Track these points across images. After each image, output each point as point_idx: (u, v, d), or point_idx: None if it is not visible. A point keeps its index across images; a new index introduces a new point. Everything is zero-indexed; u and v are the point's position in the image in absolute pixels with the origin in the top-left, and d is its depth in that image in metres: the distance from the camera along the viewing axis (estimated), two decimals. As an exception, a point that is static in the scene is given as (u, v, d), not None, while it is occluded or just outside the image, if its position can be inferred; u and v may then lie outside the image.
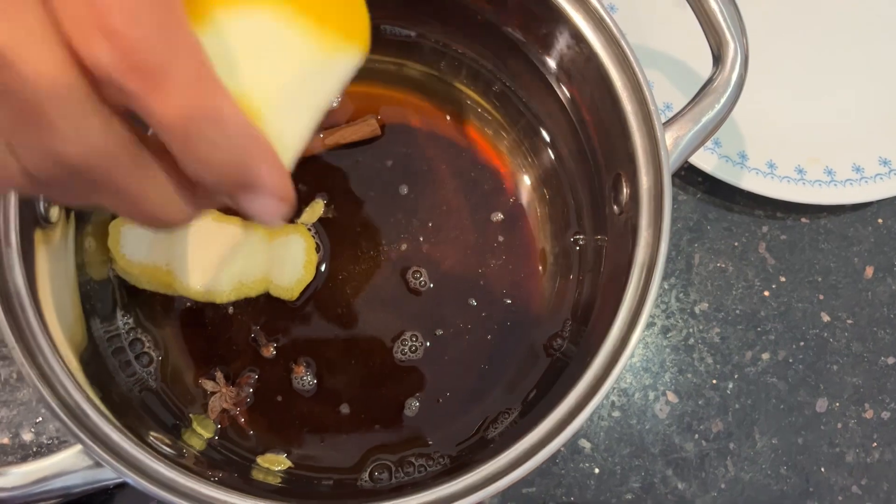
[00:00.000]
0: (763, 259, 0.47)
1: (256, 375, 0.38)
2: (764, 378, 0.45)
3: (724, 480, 0.44)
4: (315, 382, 0.38)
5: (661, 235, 0.30)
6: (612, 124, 0.33)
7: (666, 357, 0.45)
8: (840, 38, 0.49)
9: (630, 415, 0.45)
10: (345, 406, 0.38)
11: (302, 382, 0.38)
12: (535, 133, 0.41)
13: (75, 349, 0.32)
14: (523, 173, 0.41)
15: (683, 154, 0.32)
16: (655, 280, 0.30)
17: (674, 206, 0.47)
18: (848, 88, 0.48)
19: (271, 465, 0.37)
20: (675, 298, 0.46)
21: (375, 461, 0.38)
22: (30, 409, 0.42)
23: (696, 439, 0.44)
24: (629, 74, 0.31)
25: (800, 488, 0.44)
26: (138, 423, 0.32)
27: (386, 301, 0.40)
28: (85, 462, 0.28)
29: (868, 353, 0.46)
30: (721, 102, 0.32)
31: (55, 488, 0.28)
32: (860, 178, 0.46)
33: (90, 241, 0.37)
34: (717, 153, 0.45)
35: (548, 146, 0.40)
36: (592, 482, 0.44)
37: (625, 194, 0.33)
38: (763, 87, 0.47)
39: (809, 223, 0.47)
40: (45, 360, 0.28)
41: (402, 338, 0.39)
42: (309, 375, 0.38)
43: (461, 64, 0.41)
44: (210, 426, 0.38)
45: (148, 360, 0.38)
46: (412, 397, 0.39)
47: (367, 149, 0.41)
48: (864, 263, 0.47)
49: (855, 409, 0.45)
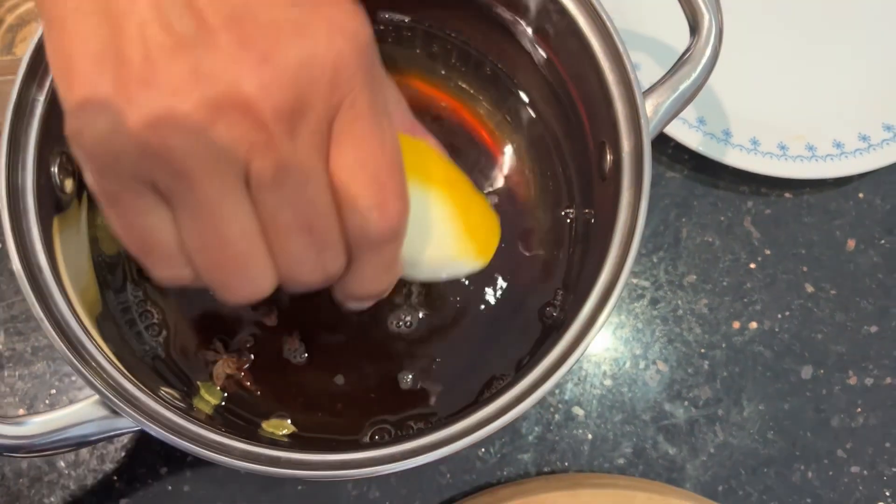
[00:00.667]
0: (748, 233, 0.49)
1: (254, 340, 0.39)
2: (751, 347, 0.47)
3: (713, 445, 0.46)
4: (306, 355, 0.40)
5: (641, 195, 0.32)
6: (596, 95, 0.35)
7: (656, 328, 0.47)
8: (821, 18, 0.51)
9: (622, 383, 0.46)
10: (339, 377, 0.40)
11: (295, 354, 0.40)
12: (523, 110, 0.43)
13: (90, 311, 0.33)
14: (514, 149, 0.43)
15: (663, 120, 0.34)
16: (636, 238, 0.32)
17: (662, 184, 0.49)
18: (829, 68, 0.50)
19: (276, 429, 0.39)
20: (664, 271, 0.48)
21: (375, 426, 0.39)
22: (44, 383, 0.44)
23: (685, 406, 0.46)
24: (610, 45, 0.33)
25: (786, 452, 0.46)
26: (150, 381, 0.34)
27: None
28: (101, 412, 0.30)
29: (851, 321, 0.48)
30: (697, 71, 0.33)
31: (73, 436, 0.30)
32: (840, 153, 0.47)
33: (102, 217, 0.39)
34: (702, 131, 0.47)
35: (536, 122, 0.42)
36: (586, 448, 0.45)
37: (608, 160, 0.35)
38: (746, 66, 0.49)
39: (793, 198, 0.49)
40: (62, 315, 0.30)
41: (397, 311, 0.41)
42: (302, 348, 0.40)
43: (452, 46, 0.43)
44: (217, 393, 0.39)
45: (157, 330, 0.40)
46: (406, 370, 0.40)
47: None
48: (846, 236, 0.49)
49: (839, 376, 0.47)
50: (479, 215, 0.31)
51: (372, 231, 0.23)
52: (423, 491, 0.44)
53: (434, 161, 0.29)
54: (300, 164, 0.21)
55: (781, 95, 0.49)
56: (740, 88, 0.48)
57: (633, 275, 0.48)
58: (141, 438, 0.43)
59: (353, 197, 0.22)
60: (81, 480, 0.43)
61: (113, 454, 0.43)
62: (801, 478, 0.46)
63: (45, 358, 0.44)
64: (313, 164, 0.21)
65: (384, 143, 0.23)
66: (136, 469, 0.43)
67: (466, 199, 0.30)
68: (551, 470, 0.45)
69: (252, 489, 0.44)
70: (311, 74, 0.20)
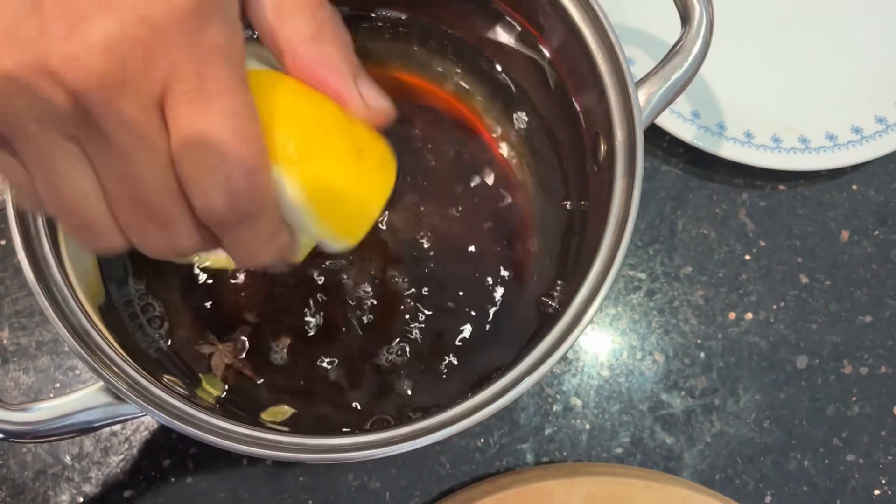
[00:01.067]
0: (743, 225, 0.49)
1: (250, 329, 0.40)
2: (746, 337, 0.47)
3: (710, 434, 0.46)
4: (299, 352, 0.40)
5: (634, 183, 0.32)
6: (589, 85, 0.35)
7: (652, 319, 0.48)
8: (813, 11, 0.52)
9: (619, 374, 0.47)
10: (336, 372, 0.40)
11: (281, 355, 0.40)
12: (519, 103, 0.43)
13: (93, 300, 0.34)
14: (510, 143, 0.44)
15: (655, 109, 0.34)
16: (629, 224, 0.32)
17: (657, 177, 0.49)
18: (822, 61, 0.51)
19: (275, 416, 0.39)
20: (660, 263, 0.48)
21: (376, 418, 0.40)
22: (48, 377, 0.45)
23: (682, 396, 0.46)
24: (602, 36, 0.34)
25: (782, 441, 0.46)
26: (154, 370, 0.34)
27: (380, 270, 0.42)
28: (105, 398, 0.31)
29: (845, 312, 0.48)
30: (689, 61, 0.34)
31: (78, 422, 0.31)
32: (833, 145, 0.48)
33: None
34: (696, 124, 0.48)
35: (532, 115, 0.43)
36: (584, 437, 0.46)
37: (602, 150, 0.35)
38: (739, 59, 0.50)
39: (787, 190, 0.50)
40: (67, 305, 0.31)
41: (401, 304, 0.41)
42: (296, 343, 0.40)
43: (449, 42, 0.43)
44: (218, 384, 0.40)
45: (159, 322, 0.40)
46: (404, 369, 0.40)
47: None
48: (840, 227, 0.49)
49: (834, 366, 0.47)
50: (340, 189, 0.27)
51: (217, 213, 0.22)
52: (423, 481, 0.45)
53: (298, 122, 0.26)
54: (120, 140, 0.21)
55: (775, 88, 0.50)
56: (734, 82, 0.49)
57: (629, 267, 0.48)
58: (144, 430, 0.44)
59: (189, 178, 0.22)
60: (85, 472, 0.43)
61: (117, 446, 0.44)
62: (797, 466, 0.46)
63: (50, 352, 0.45)
64: (134, 140, 0.21)
65: (224, 116, 0.22)
66: (141, 461, 0.44)
67: (324, 172, 0.26)
68: (550, 460, 0.45)
69: (255, 481, 0.44)
70: (121, 50, 0.20)
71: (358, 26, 0.44)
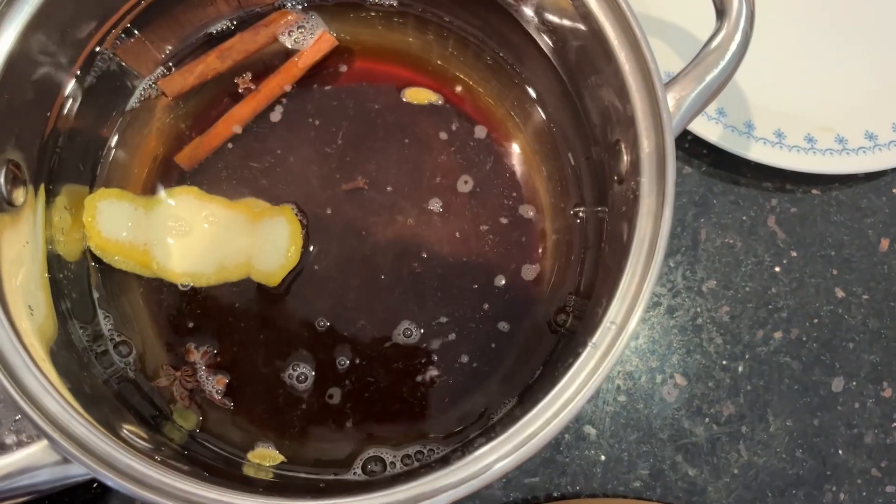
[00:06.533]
0: (773, 233, 0.45)
1: (215, 350, 0.36)
2: (776, 358, 0.43)
3: (737, 465, 0.42)
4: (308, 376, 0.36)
5: (664, 202, 0.28)
6: (609, 87, 0.31)
7: (673, 338, 0.43)
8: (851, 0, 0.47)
9: (636, 399, 0.43)
10: (335, 395, 0.37)
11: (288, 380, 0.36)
12: (527, 102, 0.39)
13: (44, 339, 0.30)
14: (521, 146, 0.39)
15: (686, 116, 0.30)
16: (659, 252, 0.28)
17: (678, 180, 0.45)
18: (859, 52, 0.46)
19: (262, 460, 0.36)
20: (682, 276, 0.44)
21: (370, 455, 0.36)
22: (7, 408, 0.41)
23: (706, 423, 0.42)
24: (626, 31, 0.29)
25: (817, 472, 0.42)
26: (112, 415, 0.30)
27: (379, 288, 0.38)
28: (52, 457, 0.27)
29: (885, 328, 0.44)
30: (726, 59, 0.29)
31: (21, 486, 0.27)
32: (874, 145, 0.43)
33: (64, 215, 0.35)
34: (722, 123, 0.43)
35: (542, 115, 0.39)
36: (599, 470, 0.42)
37: (625, 162, 0.31)
38: (770, 52, 0.45)
39: (821, 195, 0.45)
40: (4, 353, 0.27)
41: (400, 325, 0.37)
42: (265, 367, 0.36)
43: (449, 33, 0.39)
44: (191, 417, 0.36)
45: (127, 350, 0.36)
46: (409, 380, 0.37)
47: (361, 124, 0.39)
48: (879, 235, 0.45)
49: (873, 388, 0.43)
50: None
51: None
52: (423, 519, 0.41)
53: None
54: None
55: (809, 83, 0.45)
56: (764, 76, 0.45)
57: (648, 281, 0.44)
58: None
59: None
60: (50, 513, 0.40)
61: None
62: (832, 499, 0.42)
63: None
64: None
65: None
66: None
67: None
68: (561, 495, 0.41)
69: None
70: None
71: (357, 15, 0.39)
